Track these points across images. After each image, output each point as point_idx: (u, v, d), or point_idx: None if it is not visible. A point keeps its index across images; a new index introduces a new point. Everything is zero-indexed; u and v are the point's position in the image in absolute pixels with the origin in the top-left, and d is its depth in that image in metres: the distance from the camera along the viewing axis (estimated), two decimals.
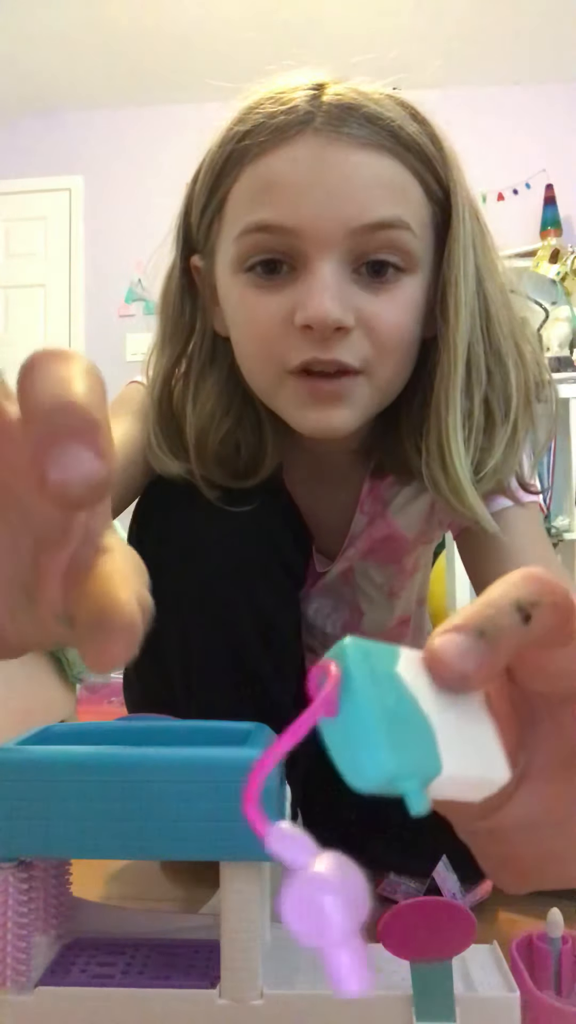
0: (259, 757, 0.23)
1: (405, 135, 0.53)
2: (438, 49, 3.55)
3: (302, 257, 0.52)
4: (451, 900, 0.44)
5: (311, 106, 0.52)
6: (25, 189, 3.94)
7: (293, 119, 0.52)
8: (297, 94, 0.53)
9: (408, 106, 0.58)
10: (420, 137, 0.55)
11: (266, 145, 0.53)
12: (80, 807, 0.45)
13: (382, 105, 0.54)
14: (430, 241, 0.56)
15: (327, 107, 0.52)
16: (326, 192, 0.50)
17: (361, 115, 0.52)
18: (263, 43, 3.50)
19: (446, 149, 0.58)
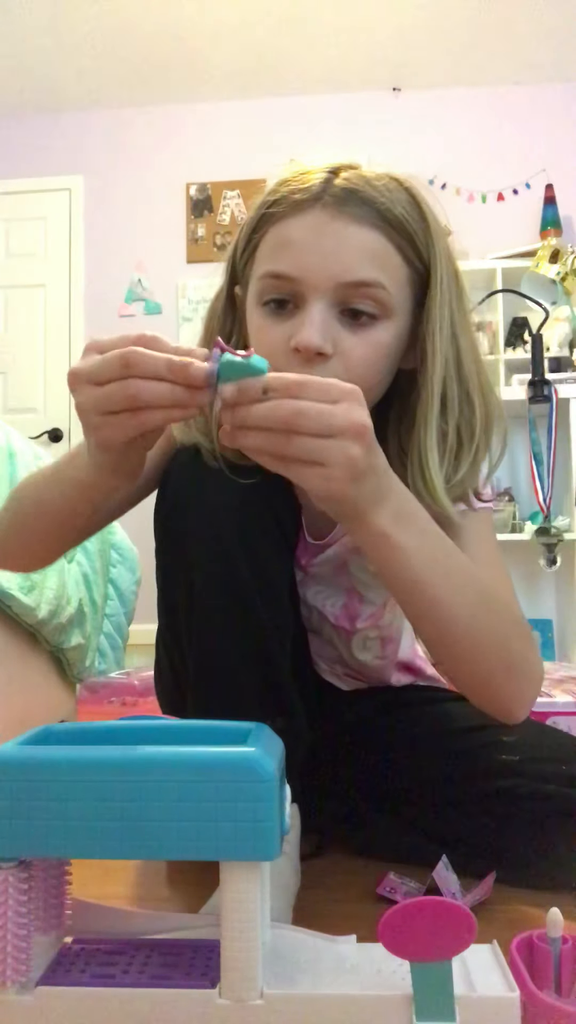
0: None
1: (392, 215, 0.67)
2: (438, 49, 3.55)
3: (302, 298, 0.67)
4: (451, 900, 0.44)
5: (323, 187, 0.67)
6: (25, 189, 3.94)
7: (309, 197, 0.67)
8: (315, 176, 0.68)
9: (405, 187, 0.72)
10: (407, 217, 0.68)
11: (286, 213, 0.68)
12: (80, 807, 0.45)
13: (379, 190, 0.68)
14: (408, 296, 0.70)
15: (335, 189, 0.67)
16: (323, 253, 0.66)
17: (359, 198, 0.66)
18: (263, 44, 3.50)
19: (431, 225, 0.70)
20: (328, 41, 3.50)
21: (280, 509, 0.77)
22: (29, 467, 1.30)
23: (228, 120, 3.89)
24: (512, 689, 0.70)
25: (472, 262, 3.55)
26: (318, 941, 0.52)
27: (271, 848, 0.45)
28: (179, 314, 3.83)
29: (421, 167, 3.78)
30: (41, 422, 3.82)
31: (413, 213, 0.69)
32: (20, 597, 1.16)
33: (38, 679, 1.34)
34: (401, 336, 0.70)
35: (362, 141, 3.84)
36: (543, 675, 0.75)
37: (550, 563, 2.26)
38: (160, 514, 0.77)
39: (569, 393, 2.33)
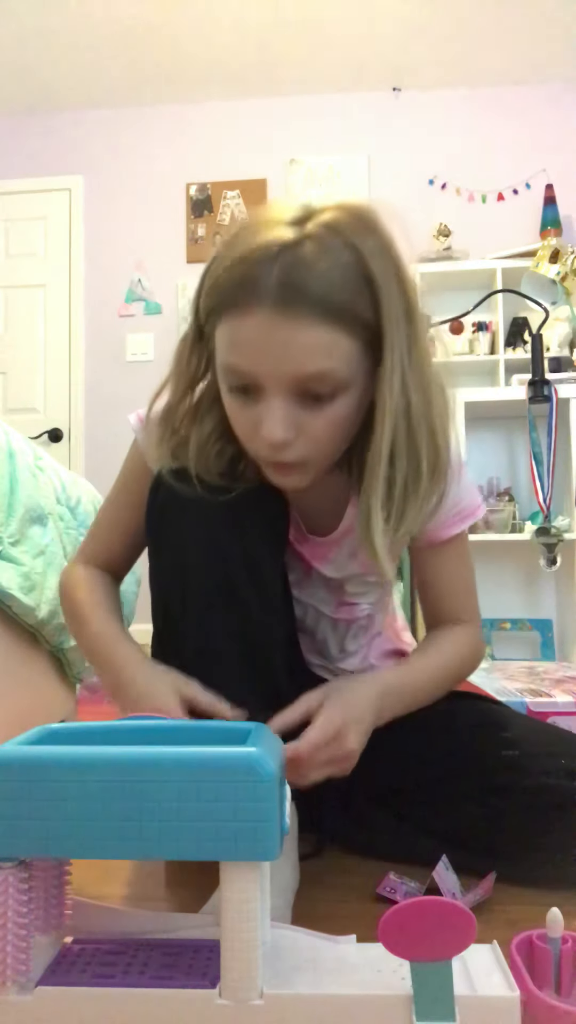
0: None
1: (337, 304, 0.66)
2: (438, 49, 3.55)
3: (261, 389, 0.69)
4: (451, 900, 0.44)
5: (266, 285, 0.65)
6: (25, 189, 3.94)
7: (252, 297, 0.65)
8: (258, 265, 0.65)
9: (350, 243, 0.67)
10: (352, 296, 0.67)
11: (233, 312, 0.67)
12: (80, 807, 0.45)
13: (321, 276, 0.65)
14: (362, 363, 0.70)
15: (277, 287, 0.65)
16: (273, 356, 0.67)
17: (302, 295, 0.64)
18: (263, 44, 3.50)
19: (380, 287, 0.68)
20: (328, 41, 3.50)
21: (270, 509, 0.81)
22: (29, 467, 1.30)
23: (228, 120, 3.89)
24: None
25: (472, 262, 3.55)
26: (318, 941, 0.52)
27: (271, 848, 0.45)
28: (179, 314, 3.83)
29: (421, 167, 3.78)
30: (41, 422, 3.82)
31: (359, 285, 0.67)
32: (20, 597, 1.16)
33: (38, 679, 1.34)
34: (360, 398, 0.72)
35: (362, 141, 3.85)
36: (483, 651, 0.92)
37: (550, 563, 2.26)
38: (152, 519, 0.82)
39: (569, 393, 2.33)
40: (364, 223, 0.69)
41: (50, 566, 1.26)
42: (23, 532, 1.22)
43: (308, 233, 0.66)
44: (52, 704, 1.38)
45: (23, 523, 1.22)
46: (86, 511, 1.51)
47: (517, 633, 2.60)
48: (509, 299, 3.39)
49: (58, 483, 1.43)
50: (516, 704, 1.21)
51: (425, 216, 3.71)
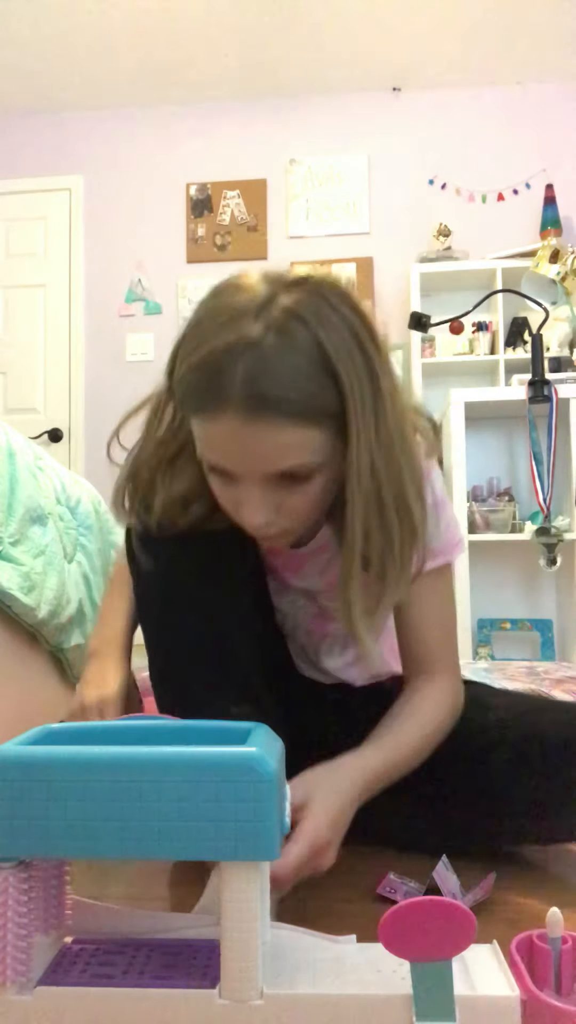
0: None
1: (301, 404, 0.66)
2: (438, 49, 3.55)
3: (239, 477, 0.71)
4: (451, 900, 0.44)
5: (230, 392, 0.65)
6: (25, 189, 3.94)
7: (219, 404, 0.66)
8: (223, 375, 0.65)
9: (311, 331, 0.66)
10: (316, 391, 0.67)
11: (202, 414, 0.68)
12: (80, 807, 0.45)
13: (283, 377, 0.65)
14: (335, 443, 0.70)
15: (241, 395, 0.65)
16: (245, 457, 0.69)
17: (265, 399, 0.65)
18: (263, 44, 3.50)
19: (343, 375, 0.67)
20: (328, 41, 3.50)
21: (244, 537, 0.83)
22: (29, 467, 1.30)
23: (228, 120, 3.90)
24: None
25: (472, 262, 3.55)
26: (318, 941, 0.52)
27: (271, 848, 0.45)
28: (179, 314, 3.83)
29: (421, 167, 3.78)
30: (41, 422, 3.82)
31: (322, 378, 0.67)
32: (20, 597, 1.16)
33: (38, 679, 1.34)
34: (337, 472, 0.73)
35: (362, 141, 3.85)
36: (461, 705, 0.87)
37: (550, 563, 2.26)
38: (130, 545, 0.87)
39: (569, 393, 2.33)
40: (326, 301, 0.68)
41: (50, 566, 1.26)
42: (23, 532, 1.22)
43: (270, 323, 0.65)
44: (52, 704, 1.38)
45: (23, 523, 1.22)
46: (86, 511, 1.51)
47: (517, 633, 2.60)
48: (509, 299, 3.39)
49: (58, 483, 1.43)
50: None
51: (425, 216, 3.71)
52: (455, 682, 0.87)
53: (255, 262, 3.83)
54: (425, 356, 3.54)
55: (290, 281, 0.69)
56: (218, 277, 0.78)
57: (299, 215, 3.85)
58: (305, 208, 3.85)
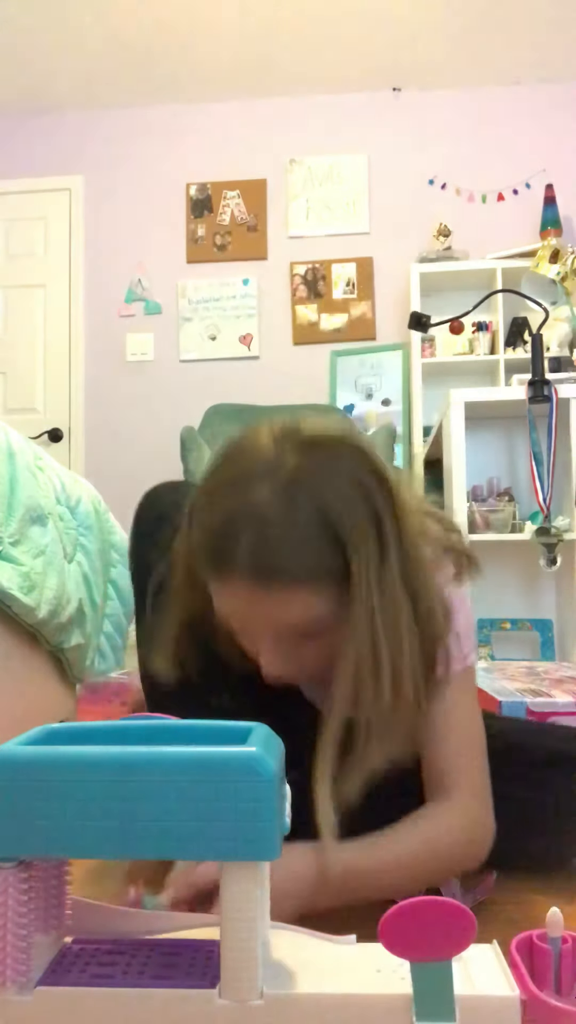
0: None
1: (309, 571, 0.67)
2: (438, 49, 3.55)
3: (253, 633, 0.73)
4: (451, 900, 0.44)
5: (238, 561, 0.67)
6: (25, 189, 3.94)
7: (228, 571, 0.68)
8: (231, 544, 0.67)
9: (316, 505, 0.67)
10: (321, 557, 0.67)
11: (213, 577, 0.70)
12: (80, 807, 0.45)
13: (287, 546, 0.66)
14: (345, 595, 0.69)
15: (249, 564, 0.66)
16: (257, 619, 0.70)
17: (271, 570, 0.66)
18: (263, 44, 3.50)
19: (347, 538, 0.67)
20: (328, 41, 3.50)
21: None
22: (29, 467, 1.30)
23: (228, 120, 3.90)
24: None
25: (472, 262, 3.56)
26: (318, 941, 0.52)
27: (271, 848, 0.45)
28: (179, 314, 3.83)
29: (421, 167, 3.78)
30: (41, 422, 3.82)
31: (328, 543, 0.67)
32: (20, 597, 1.16)
33: (38, 679, 1.34)
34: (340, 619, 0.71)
35: (362, 141, 3.85)
36: (491, 827, 0.76)
37: (550, 563, 2.26)
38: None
39: (569, 393, 2.33)
40: (333, 463, 0.68)
41: (50, 566, 1.26)
42: (23, 532, 1.22)
43: (275, 489, 0.66)
44: (52, 704, 1.38)
45: (23, 523, 1.22)
46: (86, 511, 1.51)
47: (517, 633, 2.60)
48: (509, 299, 3.39)
49: (58, 483, 1.43)
50: (516, 704, 1.21)
51: (425, 216, 3.71)
52: (474, 807, 0.76)
53: (256, 261, 3.83)
54: (425, 356, 3.54)
55: (299, 440, 0.69)
56: (218, 277, 0.77)
57: (299, 215, 3.85)
58: (305, 208, 3.86)
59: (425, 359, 3.53)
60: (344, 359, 3.75)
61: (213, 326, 3.81)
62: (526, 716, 1.21)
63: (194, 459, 2.92)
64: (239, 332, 3.80)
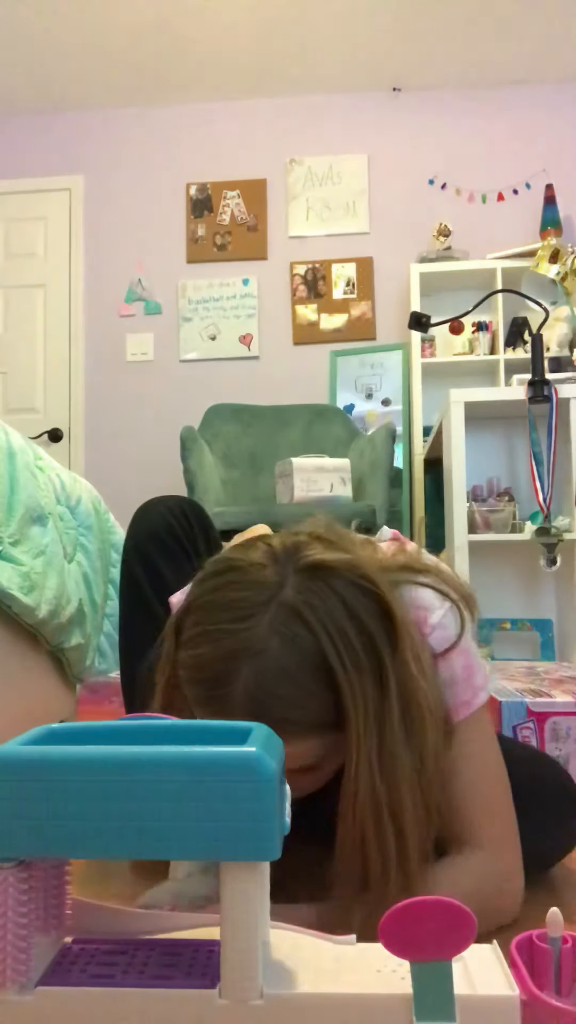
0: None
1: (302, 724, 0.65)
2: (438, 49, 3.55)
3: None
4: (451, 900, 0.44)
5: (234, 703, 0.63)
6: (25, 189, 3.94)
7: (221, 708, 0.64)
8: (226, 686, 0.63)
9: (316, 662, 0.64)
10: (321, 706, 0.65)
11: (205, 709, 0.66)
12: (80, 807, 0.45)
13: (282, 698, 0.63)
14: (341, 734, 0.66)
15: (244, 703, 0.63)
16: None
17: (272, 713, 0.62)
18: (263, 44, 3.50)
19: (345, 689, 0.64)
20: (328, 41, 3.50)
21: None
22: (29, 467, 1.30)
23: (228, 120, 3.90)
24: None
25: (472, 262, 3.56)
26: (318, 941, 0.52)
27: (271, 848, 0.45)
28: (179, 314, 3.83)
29: (421, 167, 3.78)
30: (41, 422, 3.82)
31: (324, 691, 0.64)
32: (20, 597, 1.16)
33: (38, 679, 1.34)
34: (343, 752, 0.68)
35: (362, 141, 3.85)
36: (521, 874, 0.74)
37: (550, 563, 2.26)
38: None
39: (569, 393, 2.33)
40: (336, 595, 0.65)
41: (50, 566, 1.26)
42: (23, 532, 1.22)
43: (274, 625, 0.63)
44: (52, 704, 1.38)
45: (23, 523, 1.22)
46: (86, 511, 1.51)
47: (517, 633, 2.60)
48: (509, 299, 3.39)
49: (58, 483, 1.43)
50: (516, 704, 1.21)
51: (425, 216, 3.71)
52: (493, 861, 0.72)
53: (256, 261, 3.83)
54: (425, 356, 3.54)
55: (300, 567, 0.66)
56: (218, 277, 0.76)
57: (299, 215, 3.86)
58: (305, 208, 3.86)
59: (425, 359, 3.53)
60: (344, 359, 3.75)
61: (213, 326, 3.81)
62: (526, 716, 1.21)
63: (194, 459, 2.92)
64: (239, 332, 3.80)
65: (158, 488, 3.66)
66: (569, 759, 1.23)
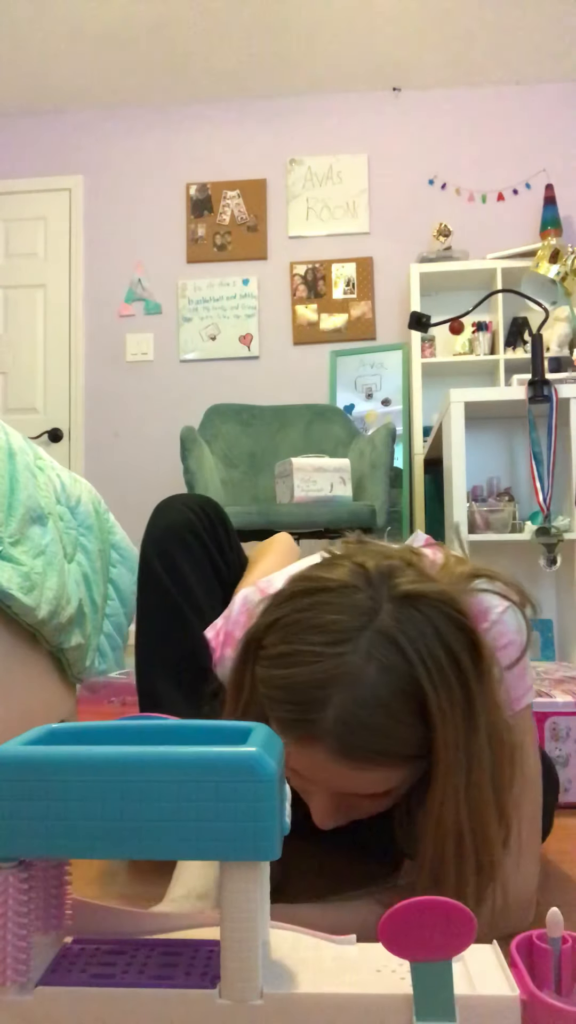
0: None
1: (391, 753, 0.64)
2: (438, 49, 3.55)
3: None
4: (451, 900, 0.44)
5: (322, 724, 0.63)
6: (25, 189, 3.94)
7: (310, 732, 0.63)
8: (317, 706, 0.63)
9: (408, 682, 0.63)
10: (411, 738, 0.64)
11: (289, 736, 0.65)
12: (80, 807, 0.45)
13: (377, 725, 0.62)
14: (418, 764, 0.66)
15: (336, 729, 0.62)
16: (329, 782, 0.67)
17: (358, 746, 0.63)
18: (263, 44, 3.50)
19: (436, 718, 0.63)
20: (328, 41, 3.50)
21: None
22: (29, 467, 1.30)
23: (228, 120, 3.90)
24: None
25: (472, 262, 3.56)
26: (318, 941, 0.52)
27: (271, 848, 0.45)
28: (179, 314, 3.83)
29: (421, 167, 3.78)
30: (41, 422, 3.82)
31: (416, 723, 0.64)
32: (20, 597, 1.16)
33: (38, 679, 1.34)
34: (413, 781, 0.69)
35: (362, 141, 3.85)
36: (536, 884, 0.74)
37: (550, 563, 2.26)
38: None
39: (569, 393, 2.33)
40: (432, 626, 0.64)
41: (50, 566, 1.26)
42: (23, 532, 1.22)
43: (370, 651, 0.62)
44: (52, 704, 1.38)
45: (23, 523, 1.22)
46: (86, 511, 1.51)
47: None
48: (509, 299, 3.39)
49: (58, 483, 1.42)
50: None
51: (425, 216, 3.72)
52: (526, 865, 0.73)
53: (256, 261, 3.83)
54: (425, 356, 3.54)
55: (396, 594, 0.65)
56: (218, 277, 0.75)
57: (299, 215, 3.85)
58: (305, 208, 3.86)
59: (425, 359, 3.53)
60: (344, 359, 3.75)
61: (213, 326, 3.81)
62: None
63: (194, 459, 2.92)
64: (239, 332, 3.80)
65: (158, 488, 3.66)
66: (569, 759, 1.23)
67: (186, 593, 0.93)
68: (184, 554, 0.97)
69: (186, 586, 0.94)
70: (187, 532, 0.99)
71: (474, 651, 0.65)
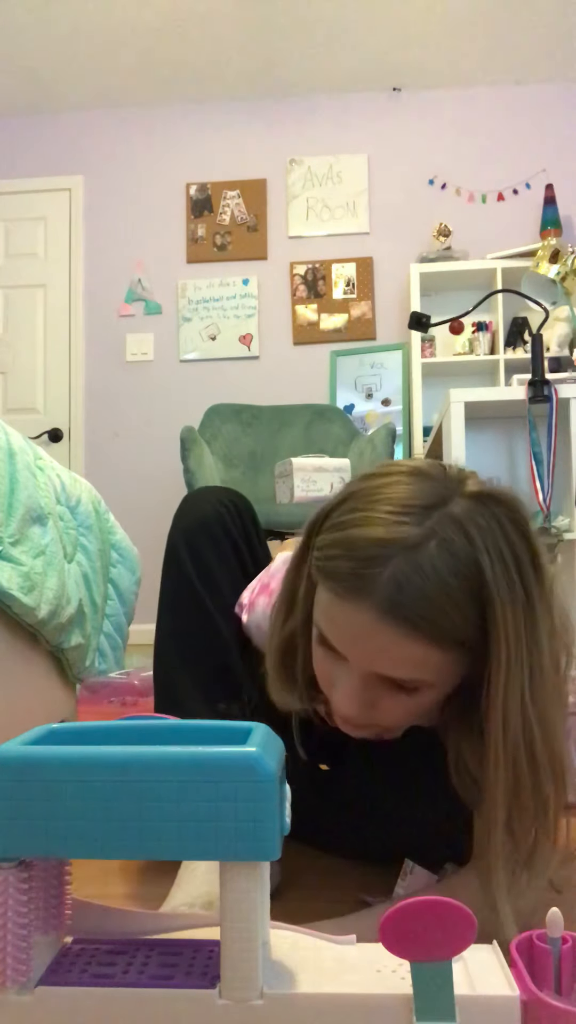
0: None
1: (444, 629, 0.62)
2: (438, 49, 3.55)
3: (346, 660, 0.68)
4: (451, 900, 0.44)
5: (374, 589, 0.62)
6: (25, 189, 3.94)
7: (358, 595, 0.63)
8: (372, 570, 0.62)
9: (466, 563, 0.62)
10: (461, 619, 0.63)
11: (339, 591, 0.64)
12: (80, 807, 0.45)
13: (433, 594, 0.61)
14: (459, 666, 0.66)
15: (385, 596, 0.62)
16: (366, 653, 0.65)
17: (409, 614, 0.61)
18: (263, 44, 3.50)
19: (496, 605, 0.62)
20: (328, 41, 3.50)
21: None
22: (29, 467, 1.30)
23: (228, 120, 3.90)
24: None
25: (472, 262, 3.56)
26: (318, 941, 0.52)
27: (271, 848, 0.45)
28: (179, 314, 3.83)
29: (421, 167, 3.78)
30: (41, 422, 3.82)
31: (470, 607, 0.62)
32: (20, 597, 1.16)
33: (38, 679, 1.34)
34: (448, 688, 0.68)
35: (362, 141, 3.85)
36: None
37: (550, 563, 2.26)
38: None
39: (569, 393, 2.33)
40: (499, 525, 0.64)
41: (50, 566, 1.26)
42: (23, 532, 1.22)
43: (435, 529, 0.62)
44: (52, 704, 1.38)
45: (23, 523, 1.22)
46: (86, 511, 1.51)
47: None
48: (509, 299, 3.39)
49: (58, 483, 1.42)
50: None
51: (425, 216, 3.72)
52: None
53: (256, 261, 3.83)
54: (425, 356, 3.54)
55: (469, 491, 0.65)
56: (218, 277, 0.75)
57: (299, 215, 3.86)
58: (305, 208, 3.86)
59: (425, 359, 3.53)
60: (344, 359, 3.75)
61: (213, 326, 3.81)
62: None
63: (194, 459, 2.92)
64: (239, 332, 3.80)
65: (158, 488, 3.66)
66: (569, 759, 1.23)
67: (212, 588, 0.93)
68: (212, 547, 0.96)
69: (212, 581, 0.93)
70: (217, 525, 0.98)
71: (534, 559, 0.64)
